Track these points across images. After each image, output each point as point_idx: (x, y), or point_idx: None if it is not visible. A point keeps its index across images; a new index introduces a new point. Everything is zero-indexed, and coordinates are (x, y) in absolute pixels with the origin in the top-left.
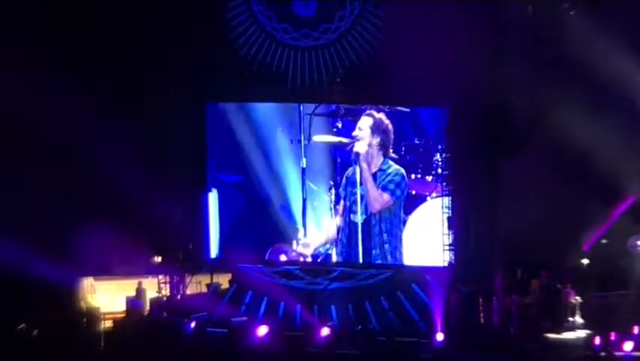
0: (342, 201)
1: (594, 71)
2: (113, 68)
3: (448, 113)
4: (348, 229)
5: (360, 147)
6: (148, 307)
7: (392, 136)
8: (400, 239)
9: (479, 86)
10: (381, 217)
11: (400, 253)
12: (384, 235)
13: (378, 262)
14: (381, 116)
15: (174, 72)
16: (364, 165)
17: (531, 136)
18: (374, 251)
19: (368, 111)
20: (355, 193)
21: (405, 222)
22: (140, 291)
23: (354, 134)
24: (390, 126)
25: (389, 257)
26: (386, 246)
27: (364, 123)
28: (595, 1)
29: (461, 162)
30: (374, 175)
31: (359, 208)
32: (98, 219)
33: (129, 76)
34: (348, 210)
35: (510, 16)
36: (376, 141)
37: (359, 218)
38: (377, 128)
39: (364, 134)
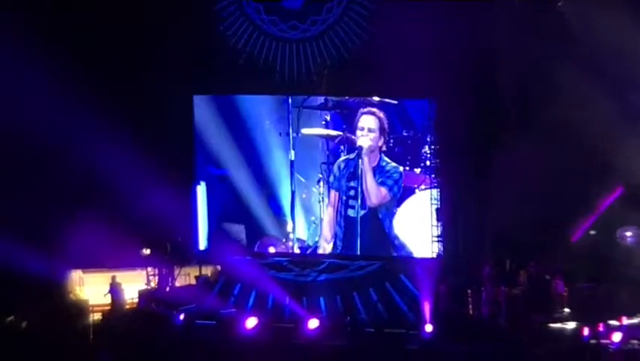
0: (333, 192)
1: (585, 64)
2: (102, 62)
3: (435, 105)
4: (345, 222)
5: (364, 142)
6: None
7: None
8: (393, 235)
9: (468, 78)
10: (377, 211)
11: (390, 247)
12: (378, 230)
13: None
14: (382, 114)
15: (162, 65)
16: (366, 159)
17: (520, 128)
18: (370, 243)
19: (369, 109)
20: (353, 187)
21: (394, 214)
22: (114, 285)
23: (362, 133)
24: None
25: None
26: (378, 242)
27: (372, 123)
28: None
29: (450, 155)
30: (373, 170)
31: (358, 202)
32: (86, 212)
33: (117, 70)
34: (345, 204)
35: (499, 7)
36: (381, 141)
37: (358, 212)
38: (383, 130)
39: (374, 135)
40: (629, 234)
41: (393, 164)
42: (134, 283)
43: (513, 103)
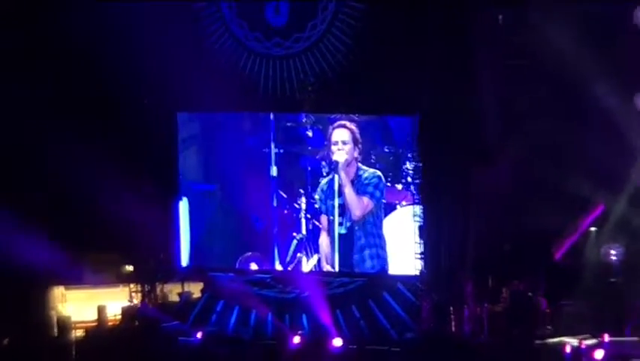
0: (323, 217)
1: (566, 80)
2: (85, 78)
3: (417, 121)
4: (338, 240)
5: (339, 156)
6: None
7: None
8: (384, 239)
9: (451, 95)
10: (366, 221)
11: (384, 252)
12: (371, 239)
13: (368, 265)
14: (354, 127)
15: (145, 81)
16: (342, 174)
17: (502, 145)
18: (361, 256)
19: (341, 122)
20: (339, 204)
21: (381, 219)
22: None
23: (336, 148)
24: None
25: (369, 262)
26: (372, 250)
27: (345, 135)
28: (564, 9)
29: (432, 171)
30: (352, 182)
31: (336, 218)
32: (68, 228)
33: (100, 85)
34: (333, 223)
35: (481, 25)
36: (357, 152)
37: (338, 229)
38: (357, 141)
39: (348, 148)
40: (612, 251)
41: (371, 170)
42: (116, 300)
43: (496, 120)
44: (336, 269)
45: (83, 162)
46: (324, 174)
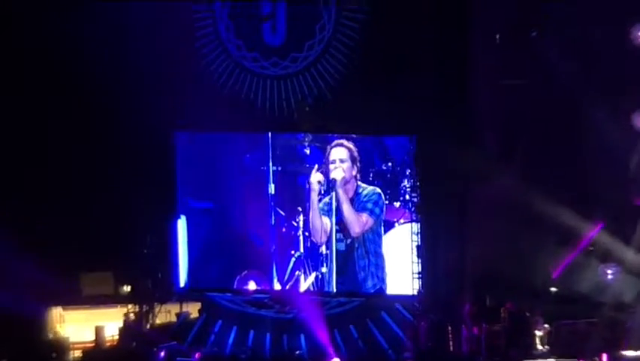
0: (326, 219)
1: (563, 99)
2: (83, 97)
3: (415, 141)
4: (336, 256)
5: (337, 174)
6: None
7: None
8: (383, 257)
9: (449, 114)
10: (365, 238)
11: (383, 272)
12: (371, 257)
13: (369, 285)
14: (351, 145)
15: (143, 101)
16: (340, 191)
17: (501, 164)
18: (361, 274)
19: (338, 141)
20: (336, 221)
21: (381, 235)
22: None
23: (334, 166)
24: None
25: (371, 281)
26: (372, 268)
27: (343, 154)
28: (560, 28)
29: (430, 190)
30: (351, 200)
31: (334, 235)
32: (66, 248)
33: (98, 105)
34: (332, 239)
35: (478, 44)
36: (354, 170)
37: (336, 245)
38: (354, 159)
39: (346, 166)
40: (609, 271)
41: (370, 188)
42: (114, 321)
43: (494, 139)
44: (334, 289)
45: (81, 182)
46: (322, 192)
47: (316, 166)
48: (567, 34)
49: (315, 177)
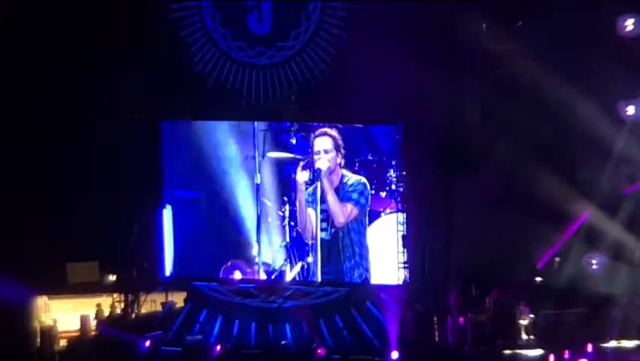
0: (310, 210)
1: (550, 89)
2: (68, 87)
3: (401, 131)
4: (320, 245)
5: (322, 164)
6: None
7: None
8: (367, 247)
9: (433, 104)
10: (350, 228)
11: (367, 261)
12: (355, 247)
13: (355, 275)
14: (335, 133)
15: (129, 90)
16: (325, 181)
17: (485, 155)
18: (347, 263)
19: (322, 130)
20: (324, 210)
21: (365, 226)
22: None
23: (318, 157)
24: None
25: (356, 271)
26: (356, 258)
27: (327, 143)
28: (549, 18)
29: (416, 180)
30: (336, 190)
31: (318, 225)
32: (52, 237)
33: (84, 94)
34: (318, 228)
35: (464, 35)
36: (339, 158)
37: (321, 234)
38: (339, 147)
39: (330, 155)
40: (594, 261)
41: (356, 177)
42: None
43: (479, 129)
44: (319, 279)
45: (67, 171)
46: (308, 181)
47: (301, 164)
48: (554, 23)
49: (302, 176)
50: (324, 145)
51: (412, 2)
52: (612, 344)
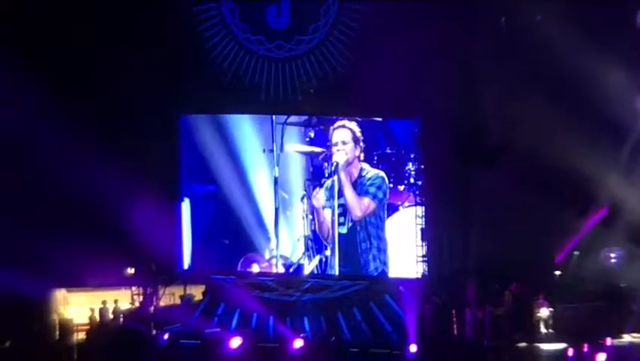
0: (327, 210)
1: (568, 82)
2: (86, 81)
3: (420, 124)
4: (338, 240)
5: (339, 157)
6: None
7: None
8: (385, 241)
9: (452, 97)
10: (367, 222)
11: (385, 255)
12: (372, 240)
13: (371, 268)
14: (354, 125)
15: (148, 84)
16: (342, 175)
17: (504, 148)
18: (363, 257)
19: (340, 122)
20: (341, 204)
21: (383, 220)
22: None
23: (337, 149)
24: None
25: (373, 263)
26: (373, 251)
27: (345, 135)
28: (566, 13)
29: (434, 174)
30: (354, 183)
31: (336, 218)
32: (70, 231)
33: (102, 88)
34: (336, 223)
35: (483, 28)
36: (358, 151)
37: (338, 228)
38: (357, 139)
39: (349, 148)
40: (612, 255)
41: (374, 171)
42: (118, 303)
43: (498, 122)
44: (336, 272)
45: (85, 166)
46: (327, 174)
47: (317, 190)
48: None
49: (319, 199)
50: (343, 137)
51: None
52: (630, 337)
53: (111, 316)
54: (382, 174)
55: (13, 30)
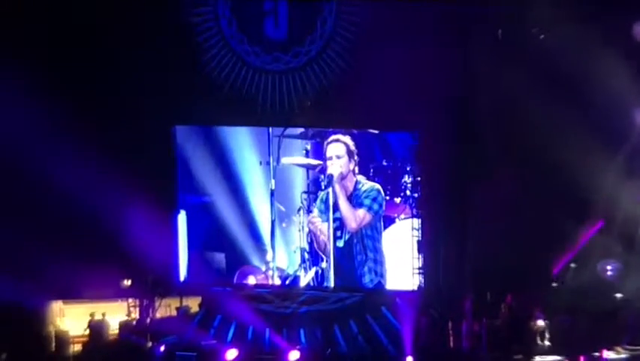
0: (325, 225)
1: (566, 95)
2: (81, 91)
3: (417, 137)
4: (336, 253)
5: (334, 170)
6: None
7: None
8: (382, 253)
9: (450, 110)
10: (364, 234)
11: (382, 267)
12: (369, 252)
13: (367, 280)
14: (348, 140)
15: (143, 95)
16: (337, 187)
17: (502, 160)
18: (360, 270)
19: (334, 137)
20: (337, 218)
21: (380, 232)
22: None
23: (331, 163)
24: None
25: (368, 276)
26: (369, 263)
27: (340, 150)
28: (562, 25)
29: (431, 186)
30: (350, 197)
31: (331, 231)
32: (66, 242)
33: (98, 100)
34: (334, 236)
35: (480, 41)
36: (352, 164)
37: (335, 242)
38: (352, 153)
39: (343, 161)
40: (609, 267)
41: (370, 183)
42: (114, 315)
43: (494, 136)
44: (332, 284)
45: (81, 176)
46: (323, 187)
47: (313, 213)
48: (568, 29)
49: (315, 223)
50: (337, 151)
51: (428, 6)
52: (626, 350)
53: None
54: (378, 186)
55: (10, 32)
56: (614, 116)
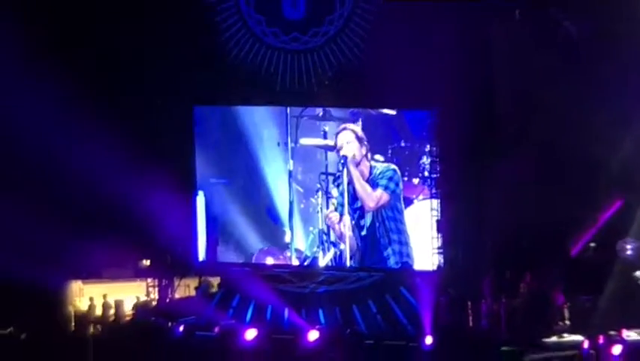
0: (347, 218)
1: (588, 73)
2: (101, 73)
3: (437, 116)
4: (361, 241)
5: (346, 151)
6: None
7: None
8: (406, 233)
9: (468, 89)
10: (385, 217)
11: (407, 247)
12: (392, 235)
13: (391, 262)
14: (355, 127)
15: (163, 75)
16: (352, 167)
17: (520, 140)
18: (384, 252)
19: (342, 126)
20: (358, 208)
21: (401, 211)
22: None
23: (343, 150)
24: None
25: (393, 258)
26: (394, 246)
27: (349, 137)
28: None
29: (450, 166)
30: (366, 181)
31: (346, 208)
32: (86, 223)
33: (118, 80)
34: (356, 227)
35: (498, 20)
36: (364, 149)
37: (348, 223)
38: (361, 139)
39: (354, 145)
40: (628, 246)
41: (384, 165)
42: (133, 295)
43: (512, 114)
44: (348, 264)
45: (100, 157)
46: (340, 168)
47: (331, 207)
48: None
49: (332, 217)
50: (346, 138)
51: None
52: None
53: (113, 310)
54: (393, 166)
55: (35, 28)
56: (632, 98)
